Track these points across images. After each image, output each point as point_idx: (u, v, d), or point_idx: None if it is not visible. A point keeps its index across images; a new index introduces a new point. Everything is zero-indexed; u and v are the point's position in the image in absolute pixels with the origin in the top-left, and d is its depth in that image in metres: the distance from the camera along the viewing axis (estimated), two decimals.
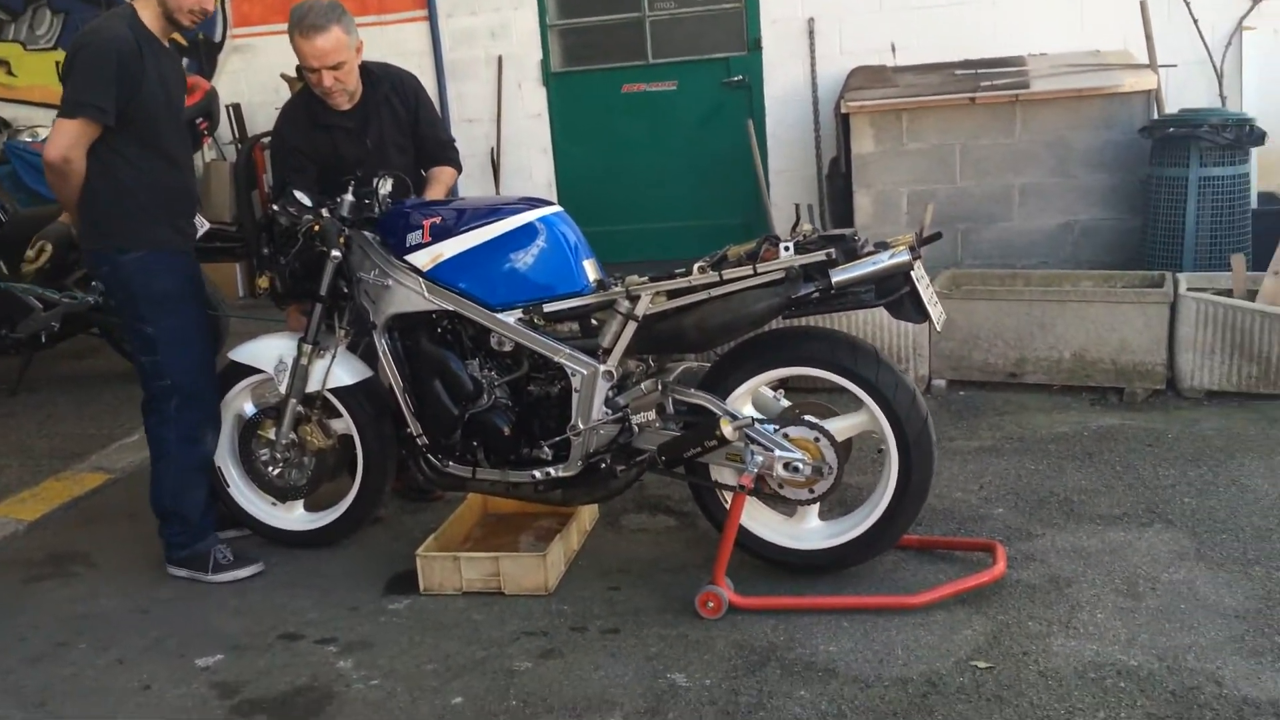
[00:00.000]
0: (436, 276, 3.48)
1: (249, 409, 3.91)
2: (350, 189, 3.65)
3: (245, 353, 3.82)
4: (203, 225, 3.91)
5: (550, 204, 3.59)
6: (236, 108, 7.99)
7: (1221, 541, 3.48)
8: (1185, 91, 6.53)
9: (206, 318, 3.79)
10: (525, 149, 7.75)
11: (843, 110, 6.32)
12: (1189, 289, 4.76)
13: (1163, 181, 5.64)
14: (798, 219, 3.35)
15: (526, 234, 3.46)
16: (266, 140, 7.79)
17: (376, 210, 3.67)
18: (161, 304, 3.58)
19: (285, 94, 7.57)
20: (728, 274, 3.22)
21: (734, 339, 3.36)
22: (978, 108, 6.15)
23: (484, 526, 3.94)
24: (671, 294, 3.29)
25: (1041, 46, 6.77)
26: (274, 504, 3.92)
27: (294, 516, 3.93)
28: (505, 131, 7.71)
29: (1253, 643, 2.92)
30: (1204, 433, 4.36)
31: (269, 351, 3.78)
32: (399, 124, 4.04)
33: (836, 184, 6.71)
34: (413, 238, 3.50)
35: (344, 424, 3.78)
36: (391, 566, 3.72)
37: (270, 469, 3.82)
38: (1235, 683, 2.75)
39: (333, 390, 3.71)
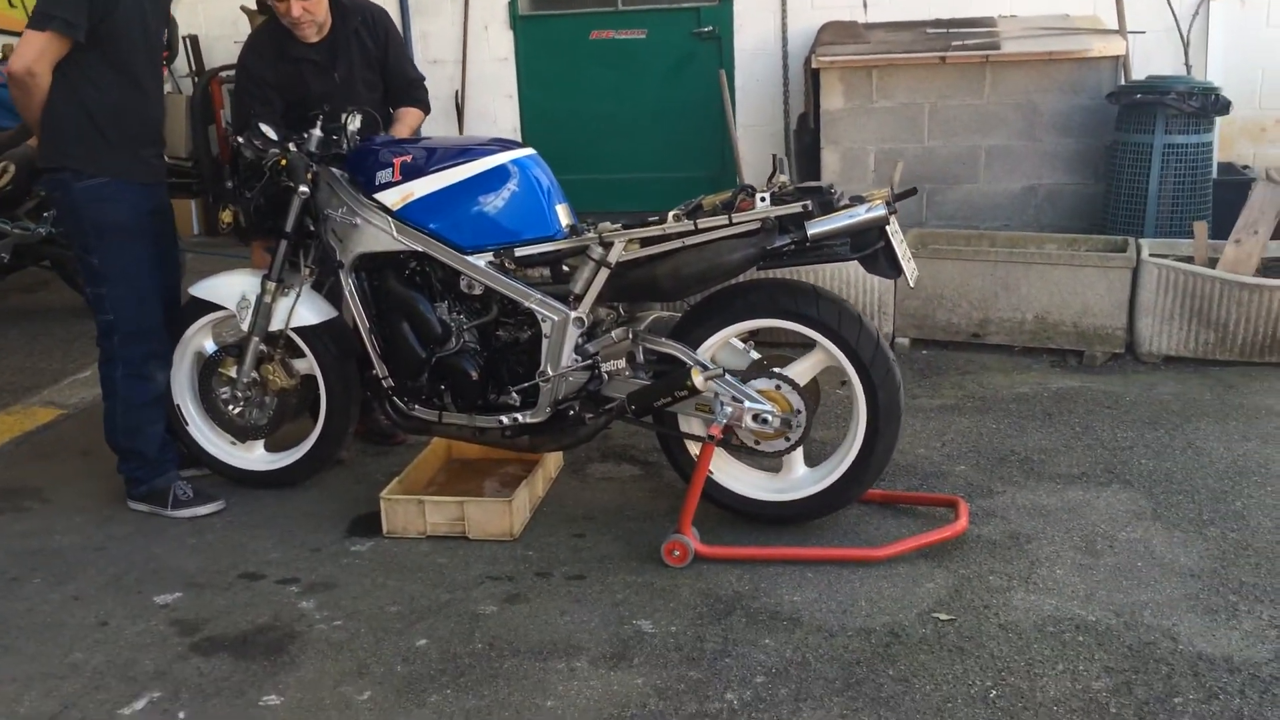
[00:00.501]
0: (406, 216, 3.42)
1: (209, 346, 3.84)
2: (318, 124, 3.56)
3: (206, 289, 3.74)
4: None
5: (523, 146, 3.53)
6: (194, 40, 7.79)
7: (1177, 502, 3.54)
8: (1151, 59, 6.56)
9: (164, 254, 3.70)
10: (490, 93, 7.64)
11: (814, 65, 6.28)
12: (1151, 255, 4.81)
13: (1128, 147, 5.67)
14: (774, 170, 3.32)
15: (499, 176, 3.41)
16: (224, 74, 7.62)
17: (345, 146, 3.59)
18: (110, 235, 3.50)
19: (245, 27, 7.39)
20: (703, 223, 3.19)
21: (707, 289, 3.34)
22: (948, 67, 6.13)
23: (448, 472, 3.91)
24: (645, 242, 3.27)
25: (1012, 8, 6.78)
26: (234, 443, 3.87)
27: (254, 456, 3.88)
28: (470, 74, 7.59)
29: (1207, 600, 2.98)
30: (1161, 397, 4.42)
31: (231, 288, 3.70)
32: (368, 59, 3.96)
33: (804, 140, 6.68)
34: (382, 176, 3.44)
35: (307, 364, 3.73)
36: (354, 509, 3.69)
37: (231, 408, 3.76)
38: (1190, 639, 2.80)
39: (296, 329, 3.65)
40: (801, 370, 3.34)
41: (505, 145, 3.50)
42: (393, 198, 3.42)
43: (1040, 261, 4.88)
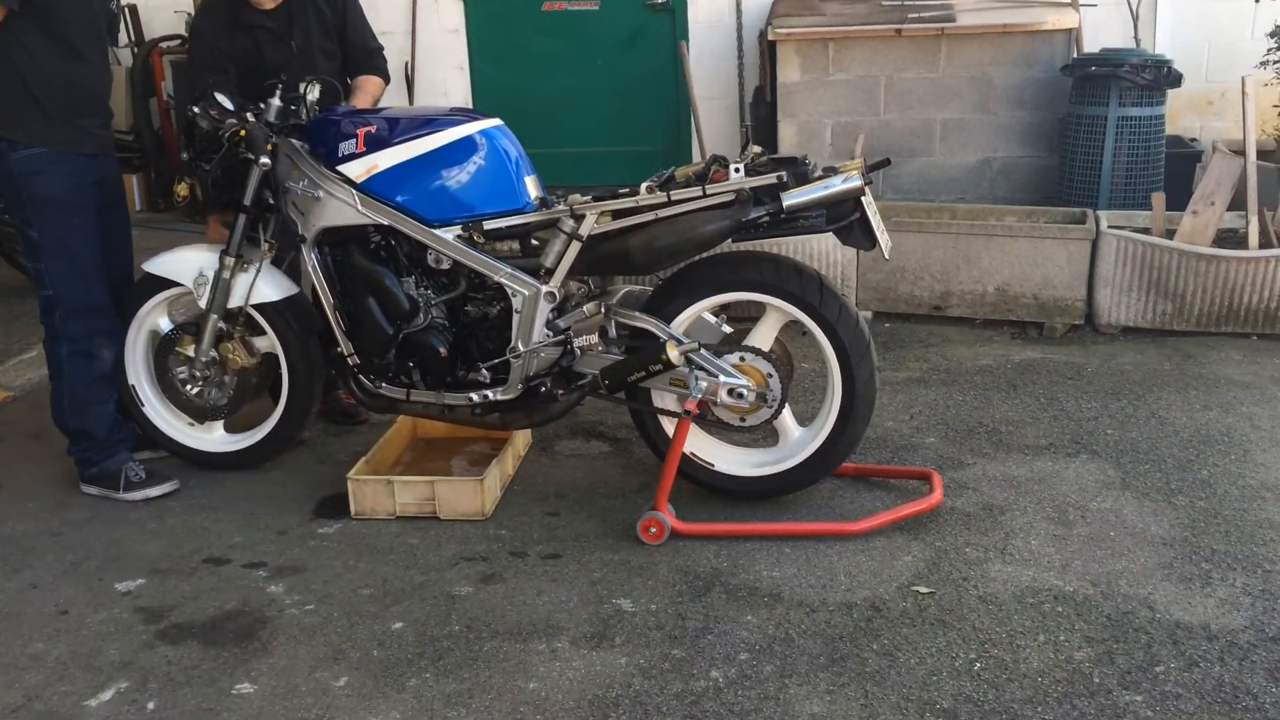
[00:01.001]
0: (370, 188, 3.33)
1: (164, 324, 3.72)
2: (277, 94, 3.45)
3: (161, 265, 3.62)
4: None
5: (490, 116, 3.45)
6: (133, 9, 7.53)
7: (1145, 472, 3.57)
8: (1100, 32, 6.60)
9: (111, 227, 3.58)
10: (440, 65, 7.49)
11: (770, 37, 6.23)
12: (1109, 226, 4.84)
13: (1082, 119, 5.71)
14: (746, 141, 3.28)
15: (467, 147, 3.33)
16: (165, 45, 7.41)
17: (304, 117, 3.49)
18: (48, 208, 3.39)
19: None
20: (676, 195, 3.14)
21: (680, 262, 3.29)
22: (903, 40, 6.12)
23: (414, 451, 3.83)
24: (617, 214, 3.21)
25: None
26: (192, 424, 3.76)
27: (214, 438, 3.77)
28: (420, 45, 7.44)
29: (1181, 569, 3.00)
30: (1122, 367, 4.46)
31: (188, 264, 3.59)
32: (326, 28, 3.84)
33: (761, 113, 6.64)
34: (345, 147, 3.34)
35: (268, 342, 3.63)
36: (319, 490, 3.61)
37: (188, 388, 3.66)
38: (1167, 607, 2.82)
39: (257, 306, 3.55)
40: (762, 335, 3.31)
41: (472, 115, 3.42)
42: (356, 170, 3.32)
43: (1001, 234, 4.90)
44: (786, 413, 3.35)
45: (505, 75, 7.46)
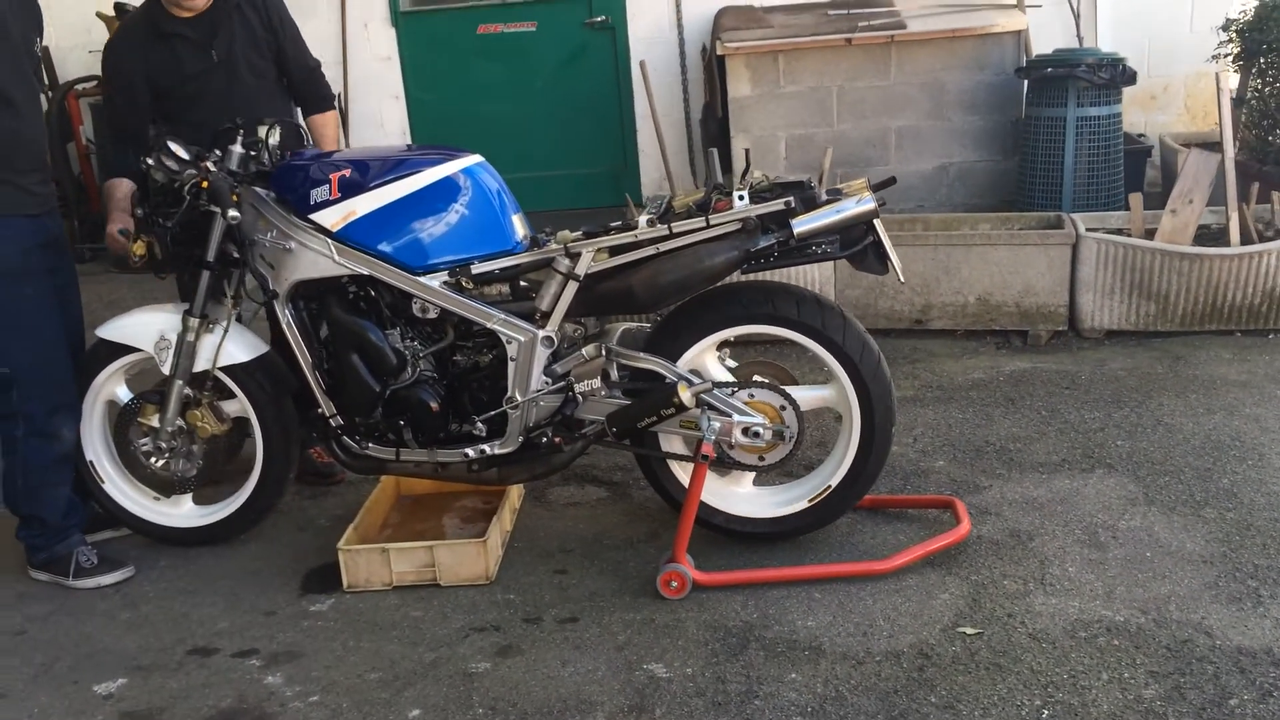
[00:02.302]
0: (348, 237, 3.09)
1: (122, 393, 3.43)
2: (238, 139, 3.20)
3: (117, 329, 3.33)
4: None
5: (470, 153, 3.24)
6: (45, 51, 7.13)
7: (1166, 484, 3.46)
8: (1043, 32, 6.56)
9: (63, 292, 3.30)
10: (375, 95, 7.22)
11: (719, 52, 6.09)
12: (1088, 229, 4.77)
13: (1041, 121, 5.65)
14: (747, 166, 3.11)
15: (449, 188, 3.11)
16: (81, 87, 7.04)
17: (268, 162, 3.24)
18: None
19: (101, 35, 6.81)
20: (678, 227, 2.96)
21: (685, 297, 3.10)
22: (854, 49, 6.02)
23: (400, 511, 3.59)
24: (615, 250, 3.02)
25: None
26: (157, 499, 3.47)
27: (182, 512, 3.49)
28: (352, 76, 7.16)
29: (1228, 588, 2.89)
30: (1115, 373, 4.37)
31: (147, 327, 3.31)
32: (254, 40, 3.60)
33: (711, 129, 6.50)
34: (318, 194, 3.09)
35: (238, 406, 3.36)
36: (304, 562, 3.35)
37: (153, 460, 3.37)
38: (1225, 632, 2.70)
39: (225, 368, 3.28)
40: (712, 366, 3.15)
41: (450, 154, 3.20)
42: (332, 217, 3.08)
43: (981, 243, 4.80)
44: (825, 391, 3.18)
45: (443, 102, 7.23)
